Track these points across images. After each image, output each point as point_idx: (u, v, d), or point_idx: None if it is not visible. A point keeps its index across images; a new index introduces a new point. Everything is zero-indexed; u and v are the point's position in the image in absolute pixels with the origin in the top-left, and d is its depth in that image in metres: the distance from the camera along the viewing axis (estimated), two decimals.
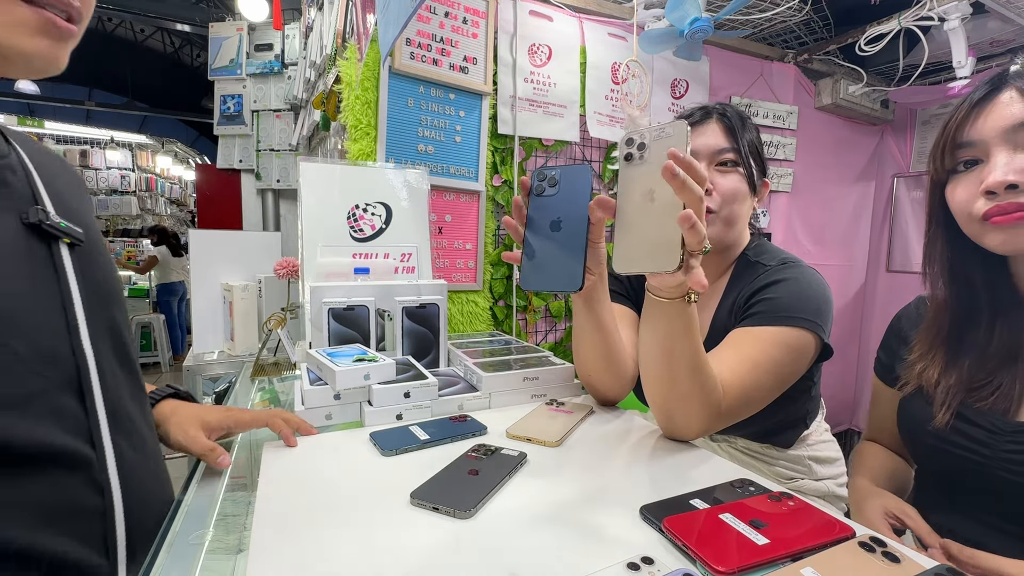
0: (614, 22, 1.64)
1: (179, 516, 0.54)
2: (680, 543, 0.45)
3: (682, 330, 0.60)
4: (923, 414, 0.67)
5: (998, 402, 0.61)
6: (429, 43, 1.34)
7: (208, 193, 3.67)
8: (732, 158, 0.79)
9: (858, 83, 1.96)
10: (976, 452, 0.61)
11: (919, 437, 0.68)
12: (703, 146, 0.81)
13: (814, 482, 0.89)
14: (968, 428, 0.62)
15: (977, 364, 0.64)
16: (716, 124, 0.81)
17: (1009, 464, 0.58)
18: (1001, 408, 0.61)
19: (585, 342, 0.79)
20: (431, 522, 0.49)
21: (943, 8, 1.46)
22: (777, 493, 0.53)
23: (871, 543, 0.44)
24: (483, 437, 0.71)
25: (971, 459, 0.61)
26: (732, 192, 0.79)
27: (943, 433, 0.64)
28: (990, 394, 0.62)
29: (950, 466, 0.64)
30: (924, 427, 0.66)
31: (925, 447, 0.68)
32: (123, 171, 7.42)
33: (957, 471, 0.64)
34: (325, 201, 1.07)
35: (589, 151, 1.66)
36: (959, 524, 0.64)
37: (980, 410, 0.62)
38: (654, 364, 0.65)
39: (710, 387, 0.65)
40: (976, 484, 0.62)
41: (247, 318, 1.54)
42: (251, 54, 3.10)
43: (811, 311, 0.73)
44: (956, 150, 0.61)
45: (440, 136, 1.39)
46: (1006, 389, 0.61)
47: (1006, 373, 0.62)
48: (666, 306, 0.59)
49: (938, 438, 0.65)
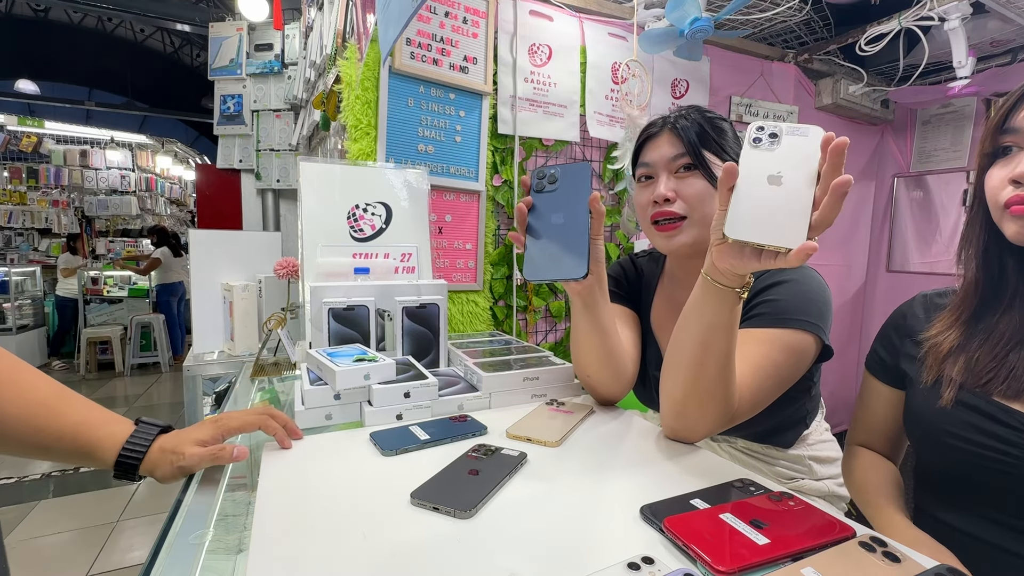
0: (614, 22, 1.64)
1: (179, 516, 0.54)
2: (681, 543, 0.45)
3: (726, 323, 0.60)
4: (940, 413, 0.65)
5: (1011, 387, 0.60)
6: (429, 43, 1.34)
7: (208, 193, 3.66)
8: (687, 162, 0.80)
9: (858, 83, 1.96)
10: (1005, 453, 0.59)
11: (934, 436, 0.66)
12: (659, 158, 0.82)
13: (814, 482, 0.89)
14: (994, 427, 0.60)
15: (987, 348, 0.63)
16: (668, 134, 0.82)
17: None
18: (1013, 393, 0.60)
19: (583, 342, 0.79)
20: (431, 522, 0.49)
21: (943, 8, 1.46)
22: (778, 493, 0.53)
23: (871, 543, 0.44)
24: (483, 437, 0.71)
25: (997, 459, 0.59)
26: (697, 195, 0.80)
27: (964, 432, 0.62)
28: (1003, 380, 0.61)
29: (971, 466, 0.62)
30: (940, 426, 0.64)
31: (943, 447, 0.65)
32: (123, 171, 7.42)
33: (979, 472, 0.61)
34: (325, 201, 1.07)
35: (589, 151, 1.66)
36: (976, 526, 0.62)
37: (1003, 406, 0.60)
38: (684, 355, 0.64)
39: (732, 390, 0.65)
40: (1004, 486, 0.60)
41: (247, 318, 1.54)
42: (251, 54, 3.10)
43: (812, 313, 0.73)
44: (1000, 135, 0.61)
45: (440, 136, 1.39)
46: (1019, 372, 0.60)
47: (1016, 357, 0.61)
48: (721, 293, 0.59)
49: (957, 437, 0.62)
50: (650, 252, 1.02)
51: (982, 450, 0.60)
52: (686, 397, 0.66)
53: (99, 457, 0.58)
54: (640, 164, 0.85)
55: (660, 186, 0.80)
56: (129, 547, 2.20)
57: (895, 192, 2.30)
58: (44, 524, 2.36)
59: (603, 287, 0.75)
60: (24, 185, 6.98)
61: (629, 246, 1.74)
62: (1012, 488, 0.59)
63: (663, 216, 0.80)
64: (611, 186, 1.70)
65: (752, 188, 0.54)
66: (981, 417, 0.61)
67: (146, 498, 2.63)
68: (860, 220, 2.31)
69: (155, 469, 0.58)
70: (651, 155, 0.83)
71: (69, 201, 7.20)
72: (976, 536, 0.62)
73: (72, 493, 2.66)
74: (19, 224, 7.00)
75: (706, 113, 0.83)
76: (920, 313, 0.75)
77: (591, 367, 0.81)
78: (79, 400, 0.60)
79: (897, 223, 2.29)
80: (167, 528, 0.52)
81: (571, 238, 0.67)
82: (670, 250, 0.83)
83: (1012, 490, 0.59)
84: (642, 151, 0.85)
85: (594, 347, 0.78)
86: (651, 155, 0.83)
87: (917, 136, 2.22)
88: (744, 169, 0.54)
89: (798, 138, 0.53)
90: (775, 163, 0.53)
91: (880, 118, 2.18)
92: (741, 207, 0.54)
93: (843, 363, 2.28)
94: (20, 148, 6.82)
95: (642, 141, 0.86)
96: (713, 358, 0.62)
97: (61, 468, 2.91)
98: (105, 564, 2.07)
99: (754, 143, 0.55)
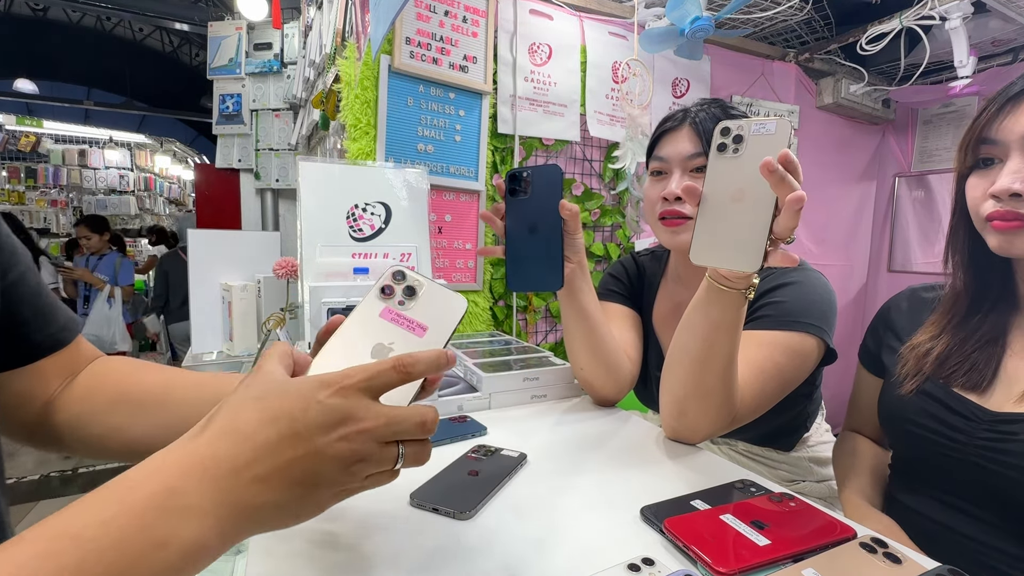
0: (615, 21, 1.64)
1: None
2: (681, 544, 0.45)
3: (730, 324, 0.60)
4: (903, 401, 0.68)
5: (970, 378, 0.63)
6: (429, 42, 1.34)
7: (207, 193, 3.66)
8: (703, 163, 0.79)
9: (859, 82, 1.96)
10: (953, 439, 0.62)
11: (897, 422, 0.70)
12: (675, 154, 0.80)
13: (816, 483, 0.89)
14: (946, 415, 0.63)
15: (958, 345, 0.66)
16: (688, 129, 0.80)
17: (985, 451, 0.59)
18: (971, 384, 0.62)
19: (572, 333, 0.79)
20: (431, 523, 0.49)
21: (944, 7, 1.46)
22: (778, 494, 0.53)
23: (872, 544, 0.43)
24: (483, 438, 0.71)
25: (948, 445, 0.63)
26: None
27: (921, 419, 0.65)
28: (963, 373, 0.63)
29: (926, 451, 0.66)
30: (903, 413, 0.68)
31: (902, 432, 0.69)
32: (122, 171, 7.42)
33: (933, 456, 0.65)
34: (324, 201, 1.07)
35: (589, 150, 1.66)
36: (930, 508, 0.66)
37: (959, 396, 0.63)
38: (687, 354, 0.64)
39: (734, 391, 0.64)
40: (951, 470, 0.63)
41: (246, 318, 1.53)
42: (250, 53, 3.10)
43: (816, 316, 0.73)
44: (979, 145, 0.61)
45: (440, 135, 1.38)
46: (980, 367, 0.63)
47: (981, 354, 0.64)
48: (726, 295, 0.58)
49: (915, 424, 0.66)
50: (652, 251, 1.01)
51: (934, 436, 0.64)
52: (687, 397, 0.66)
53: None
54: (654, 158, 0.84)
55: (672, 183, 0.79)
56: None
57: (896, 192, 2.29)
58: None
59: (585, 275, 0.75)
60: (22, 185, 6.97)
61: (630, 245, 1.74)
62: (955, 470, 0.63)
63: (671, 213, 0.80)
64: (611, 186, 1.70)
65: (715, 209, 0.53)
66: (937, 405, 0.65)
67: None
68: (861, 220, 2.30)
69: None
70: (667, 150, 0.82)
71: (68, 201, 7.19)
72: (930, 517, 0.65)
73: (72, 493, 2.66)
74: None
75: (728, 109, 0.82)
76: (904, 306, 0.78)
77: (583, 358, 0.81)
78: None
79: (898, 223, 2.29)
80: None
81: (545, 251, 0.69)
82: (675, 245, 0.82)
83: (956, 472, 0.63)
84: (659, 144, 0.84)
85: (582, 336, 0.78)
86: (667, 150, 0.82)
87: (918, 136, 2.21)
88: (709, 185, 0.53)
89: (763, 137, 0.51)
90: (738, 175, 0.52)
91: (881, 118, 2.17)
92: (705, 229, 0.54)
93: (844, 363, 2.26)
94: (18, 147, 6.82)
95: (659, 134, 0.84)
96: (716, 358, 0.62)
97: (61, 468, 2.91)
98: None
99: (719, 150, 0.53)
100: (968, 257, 0.67)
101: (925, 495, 0.67)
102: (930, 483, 0.67)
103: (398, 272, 0.41)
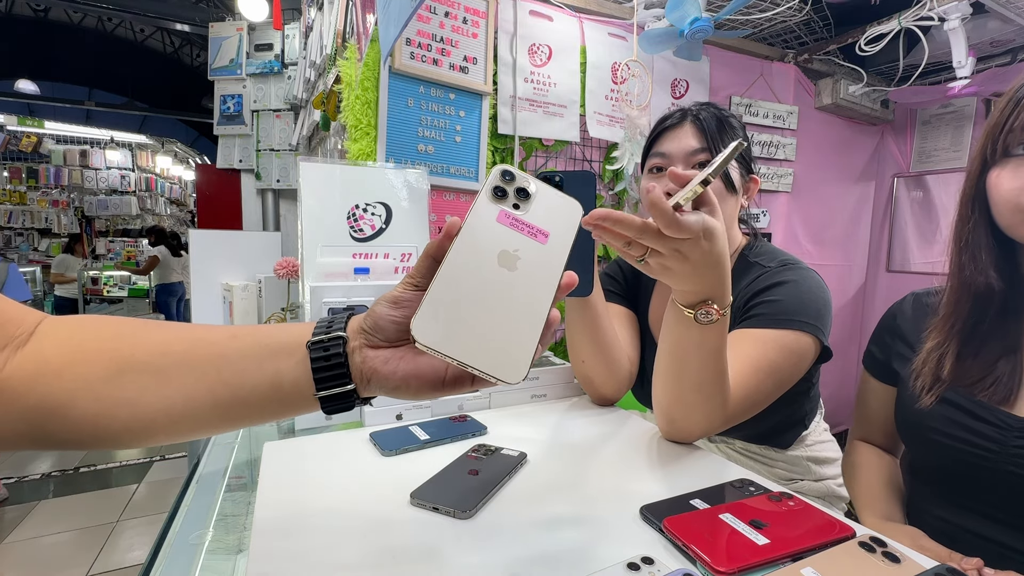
0: (614, 22, 1.64)
1: (179, 516, 0.54)
2: (680, 543, 0.45)
3: (696, 344, 0.59)
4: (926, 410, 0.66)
5: (996, 392, 0.61)
6: (429, 43, 1.34)
7: (208, 193, 3.67)
8: (706, 159, 0.79)
9: (858, 83, 1.96)
10: (984, 448, 0.60)
11: (919, 430, 0.68)
12: (678, 149, 0.80)
13: (814, 482, 0.89)
14: (973, 423, 0.62)
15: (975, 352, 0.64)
16: (690, 126, 0.81)
17: (1020, 459, 0.58)
18: (999, 398, 0.61)
19: (575, 324, 0.79)
20: (431, 522, 0.49)
21: (943, 8, 1.46)
22: (777, 493, 0.53)
23: (871, 543, 0.44)
24: (483, 437, 0.71)
25: (977, 454, 0.61)
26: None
27: (946, 428, 0.63)
28: (989, 385, 0.62)
29: (953, 459, 0.64)
30: (925, 421, 0.66)
31: (926, 441, 0.67)
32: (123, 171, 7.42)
33: (960, 465, 0.63)
34: (325, 201, 1.07)
35: (589, 151, 1.66)
36: (965, 519, 0.64)
37: (985, 404, 0.61)
38: (662, 365, 0.65)
39: (717, 399, 0.64)
40: (984, 480, 0.61)
41: (247, 318, 1.53)
42: (251, 54, 3.10)
43: (812, 314, 0.73)
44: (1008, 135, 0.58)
45: (440, 136, 1.39)
46: (1005, 379, 0.61)
47: (1005, 364, 0.62)
48: (685, 320, 0.58)
49: (940, 432, 0.64)
50: None
51: (962, 444, 0.62)
52: (671, 405, 0.67)
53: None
54: (654, 154, 0.84)
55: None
56: (129, 547, 2.20)
57: (895, 192, 2.30)
58: (44, 524, 2.36)
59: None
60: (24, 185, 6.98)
61: None
62: (988, 480, 0.61)
63: None
64: (611, 186, 1.70)
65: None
66: (962, 414, 0.63)
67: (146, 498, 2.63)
68: (860, 220, 2.30)
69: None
70: (669, 145, 0.81)
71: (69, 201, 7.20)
72: (961, 525, 0.64)
73: (72, 493, 2.66)
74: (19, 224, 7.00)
75: (721, 111, 0.83)
76: (909, 312, 0.76)
77: (585, 350, 0.81)
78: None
79: (897, 223, 2.29)
80: (167, 528, 0.52)
81: (578, 256, 0.65)
82: None
83: (989, 482, 0.61)
84: (659, 140, 0.84)
85: (584, 325, 0.78)
86: (669, 145, 0.81)
87: (917, 136, 2.21)
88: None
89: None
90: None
91: (880, 118, 2.17)
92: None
93: (843, 363, 2.27)
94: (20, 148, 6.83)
95: (658, 132, 0.84)
96: (690, 373, 0.61)
97: (61, 468, 2.91)
98: (105, 564, 2.07)
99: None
100: (995, 256, 0.63)
101: (954, 504, 0.65)
102: (959, 491, 0.65)
103: (506, 172, 0.37)
